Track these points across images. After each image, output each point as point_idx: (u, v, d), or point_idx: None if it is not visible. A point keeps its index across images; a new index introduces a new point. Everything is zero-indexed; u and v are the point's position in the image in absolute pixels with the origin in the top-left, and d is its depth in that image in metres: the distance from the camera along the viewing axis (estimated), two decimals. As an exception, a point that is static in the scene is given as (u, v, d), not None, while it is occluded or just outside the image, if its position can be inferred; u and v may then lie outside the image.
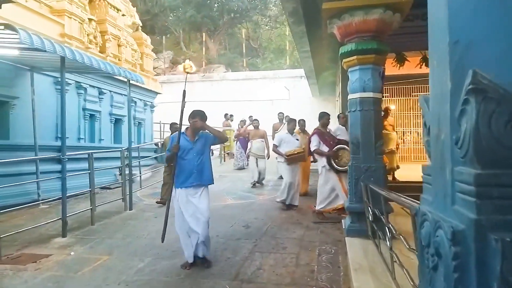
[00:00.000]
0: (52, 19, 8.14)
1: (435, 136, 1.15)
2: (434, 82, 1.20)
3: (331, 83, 13.07)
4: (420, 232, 1.22)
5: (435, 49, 1.20)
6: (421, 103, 1.26)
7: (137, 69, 11.52)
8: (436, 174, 1.15)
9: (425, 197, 1.25)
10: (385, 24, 4.00)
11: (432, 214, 1.12)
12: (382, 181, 4.00)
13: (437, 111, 1.15)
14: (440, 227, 1.05)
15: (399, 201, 2.01)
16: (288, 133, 6.62)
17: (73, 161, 8.01)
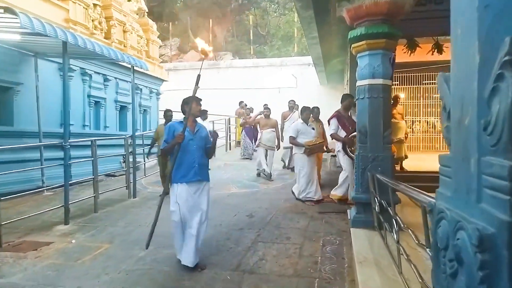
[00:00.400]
0: (56, 4, 8.01)
1: (457, 121, 0.97)
2: (458, 56, 1.02)
3: (339, 71, 12.81)
4: (436, 231, 1.06)
5: (459, 15, 1.02)
6: (440, 83, 1.08)
7: (142, 55, 11.39)
8: (458, 165, 0.98)
9: (442, 192, 1.08)
10: (397, 7, 3.80)
11: (452, 212, 0.96)
12: (389, 171, 3.86)
13: (460, 91, 0.96)
14: (462, 228, 0.89)
15: (409, 193, 1.87)
16: (304, 122, 6.26)
17: (78, 148, 7.98)
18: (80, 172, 7.40)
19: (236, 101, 14.27)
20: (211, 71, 17.39)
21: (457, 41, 1.04)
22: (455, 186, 1.00)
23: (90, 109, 9.12)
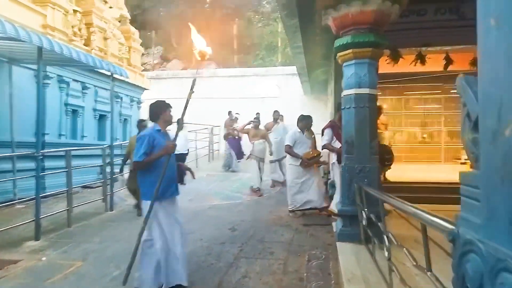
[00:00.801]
0: (33, 9, 7.71)
1: (491, 132, 0.79)
2: (490, 52, 0.88)
3: (323, 81, 12.82)
4: (462, 266, 0.89)
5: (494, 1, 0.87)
6: (462, 87, 0.93)
7: (124, 63, 11.13)
8: (492, 187, 0.80)
9: (468, 218, 0.92)
10: (383, 16, 3.75)
11: (487, 246, 0.79)
12: (376, 182, 3.76)
13: (496, 94, 0.79)
14: (506, 269, 0.70)
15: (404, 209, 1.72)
16: (301, 131, 5.99)
17: (53, 158, 7.66)
18: (55, 183, 7.07)
19: (220, 110, 14.10)
20: (195, 80, 17.19)
21: (489, 34, 0.90)
22: (488, 212, 0.83)
23: (67, 117, 8.79)
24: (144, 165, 3.14)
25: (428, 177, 7.93)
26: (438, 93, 11.21)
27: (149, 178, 3.12)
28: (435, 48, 7.65)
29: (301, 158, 5.68)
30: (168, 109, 3.34)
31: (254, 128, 8.22)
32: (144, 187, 3.17)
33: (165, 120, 3.33)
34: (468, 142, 0.91)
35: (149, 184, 3.09)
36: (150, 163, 3.13)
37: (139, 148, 3.13)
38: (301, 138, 5.92)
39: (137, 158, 3.11)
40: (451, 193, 6.97)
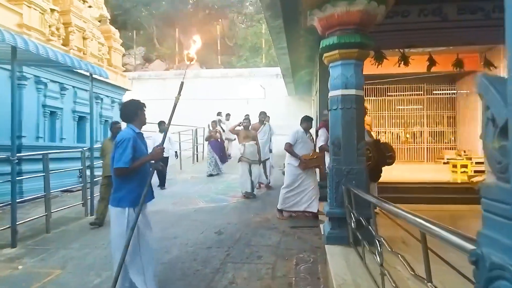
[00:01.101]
0: (8, 7, 7.43)
1: None
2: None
3: (308, 82, 12.85)
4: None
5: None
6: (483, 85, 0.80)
7: (104, 63, 10.87)
8: None
9: (493, 237, 0.81)
10: (369, 16, 3.72)
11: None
12: (364, 184, 3.72)
13: None
14: None
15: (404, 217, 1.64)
16: (304, 131, 5.73)
17: (31, 162, 7.39)
18: (34, 187, 6.81)
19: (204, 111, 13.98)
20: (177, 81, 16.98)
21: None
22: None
23: (45, 119, 8.50)
24: (130, 171, 2.94)
25: (412, 177, 8.01)
26: (421, 94, 11.37)
27: (129, 185, 2.94)
28: (418, 50, 7.75)
29: (300, 158, 5.50)
30: (144, 109, 3.17)
31: (244, 129, 7.77)
32: (121, 193, 2.94)
33: (141, 121, 3.14)
34: (493, 151, 0.81)
35: (128, 191, 2.93)
36: (135, 169, 2.95)
37: (122, 153, 2.88)
38: (304, 138, 5.70)
39: (123, 164, 2.87)
40: (435, 192, 7.07)
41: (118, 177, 2.95)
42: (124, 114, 3.10)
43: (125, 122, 3.12)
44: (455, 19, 5.68)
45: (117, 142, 2.95)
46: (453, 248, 1.08)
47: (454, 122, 11.41)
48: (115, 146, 2.96)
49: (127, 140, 2.94)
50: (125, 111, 3.10)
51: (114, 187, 2.99)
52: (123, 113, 3.10)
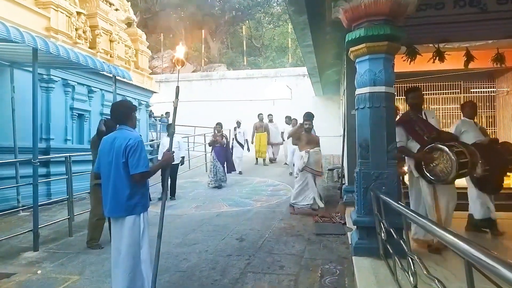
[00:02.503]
0: (36, 11, 7.59)
1: None
2: None
3: (335, 82, 12.44)
4: None
5: None
6: None
7: (131, 66, 10.96)
8: None
9: None
10: (399, 6, 3.40)
11: None
12: (396, 191, 3.40)
13: None
14: None
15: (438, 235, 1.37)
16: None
17: (58, 164, 7.50)
18: (62, 189, 6.87)
19: (230, 113, 13.85)
20: (204, 83, 17.01)
21: None
22: None
23: (73, 122, 8.62)
24: (150, 175, 2.92)
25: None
26: (457, 92, 10.70)
27: (142, 189, 2.89)
28: (454, 45, 7.23)
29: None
30: (135, 110, 3.09)
31: (306, 133, 6.30)
32: (135, 200, 2.84)
33: (133, 123, 3.02)
34: None
35: (142, 195, 2.88)
36: (151, 174, 2.92)
37: (140, 157, 2.79)
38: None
39: (145, 168, 2.79)
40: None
41: (137, 183, 2.83)
42: (117, 115, 2.97)
43: (117, 123, 2.99)
44: (495, 10, 5.20)
45: (129, 147, 2.79)
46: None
47: (494, 122, 10.65)
48: (128, 151, 2.79)
49: (140, 142, 2.86)
50: (118, 112, 2.97)
51: (125, 194, 2.82)
52: (117, 114, 2.96)
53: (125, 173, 2.77)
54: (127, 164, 2.76)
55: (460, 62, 6.96)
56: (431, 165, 3.51)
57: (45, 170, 7.56)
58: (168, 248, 4.40)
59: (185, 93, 16.27)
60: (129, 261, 2.86)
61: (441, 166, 3.44)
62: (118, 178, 2.78)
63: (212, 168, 8.80)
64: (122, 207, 2.81)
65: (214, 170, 8.74)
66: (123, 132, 2.87)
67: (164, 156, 2.98)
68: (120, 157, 2.76)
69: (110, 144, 2.83)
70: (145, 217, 2.94)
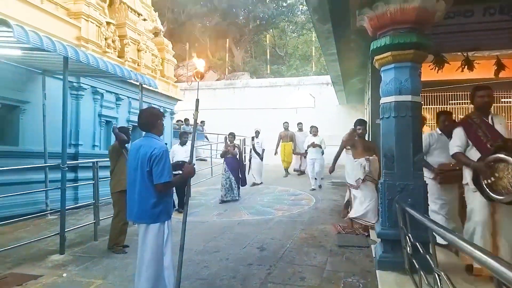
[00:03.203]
0: (68, 21, 7.89)
1: None
2: None
3: (359, 90, 12.29)
4: None
5: None
6: None
7: (157, 74, 11.20)
8: None
9: None
10: (426, 14, 3.33)
11: None
12: (422, 203, 3.29)
13: None
14: None
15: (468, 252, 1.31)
16: (442, 133, 4.25)
17: (86, 169, 7.69)
18: (89, 194, 7.05)
19: (253, 121, 13.90)
20: (227, 91, 17.18)
21: None
22: None
23: (101, 128, 8.87)
24: (173, 185, 3.03)
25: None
26: (487, 101, 10.32)
27: (166, 197, 2.94)
28: (484, 53, 7.00)
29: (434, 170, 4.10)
30: (162, 118, 3.12)
31: (361, 139, 5.80)
32: (159, 208, 2.88)
33: (160, 131, 3.05)
34: None
35: (166, 204, 2.93)
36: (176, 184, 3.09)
37: (164, 167, 2.83)
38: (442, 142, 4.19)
39: (169, 177, 2.86)
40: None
41: (160, 192, 2.87)
42: (144, 122, 2.99)
43: (144, 131, 3.02)
44: (527, 18, 5.03)
45: (154, 156, 2.82)
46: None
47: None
48: (153, 160, 2.82)
49: (165, 152, 2.90)
50: (145, 119, 2.99)
51: (151, 202, 2.86)
52: (144, 121, 2.99)
53: (150, 181, 2.82)
54: (151, 173, 2.80)
55: (490, 71, 6.73)
56: (492, 179, 3.02)
57: (73, 175, 7.79)
58: (189, 255, 4.42)
59: (209, 101, 16.53)
60: (152, 267, 2.90)
61: (505, 181, 2.95)
62: (143, 186, 2.83)
63: (224, 181, 8.07)
64: (147, 214, 2.85)
65: (227, 182, 8.05)
66: (149, 140, 2.92)
67: (186, 169, 3.03)
68: (144, 166, 2.81)
69: (136, 151, 2.89)
70: (169, 225, 2.99)
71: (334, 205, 7.44)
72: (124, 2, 9.76)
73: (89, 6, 8.29)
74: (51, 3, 7.61)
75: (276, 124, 12.67)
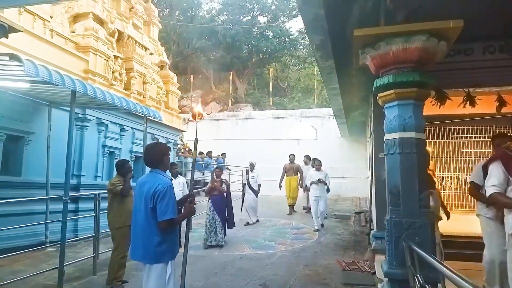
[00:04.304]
0: (76, 55, 8.11)
1: None
2: None
3: (361, 123, 12.38)
4: None
5: None
6: None
7: (161, 106, 11.37)
8: None
9: None
10: (428, 54, 3.40)
11: None
12: (429, 241, 3.23)
13: None
14: None
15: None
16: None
17: (87, 200, 7.65)
18: (89, 226, 6.95)
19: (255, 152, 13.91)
20: (230, 122, 17.33)
21: None
22: None
23: (104, 159, 8.89)
24: (177, 222, 2.96)
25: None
26: (489, 136, 10.36)
27: (171, 235, 2.86)
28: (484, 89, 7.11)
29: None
30: (169, 153, 3.08)
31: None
32: (163, 247, 2.80)
33: (166, 167, 3.02)
34: None
35: (171, 243, 2.86)
36: (178, 222, 2.98)
37: (168, 203, 2.75)
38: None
39: (173, 214, 2.78)
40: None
41: (164, 230, 2.78)
42: (151, 158, 2.95)
43: (149, 167, 2.96)
44: (526, 56, 5.15)
45: (158, 192, 2.76)
46: None
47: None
48: (157, 197, 2.75)
49: (170, 188, 2.84)
50: (152, 155, 2.95)
51: (155, 241, 2.77)
52: (150, 157, 2.95)
53: (153, 219, 2.75)
54: (155, 210, 2.73)
55: (492, 106, 6.80)
56: None
57: (74, 206, 7.73)
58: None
59: (212, 132, 16.65)
60: None
61: None
62: (146, 224, 2.77)
63: (209, 223, 7.04)
64: (150, 254, 2.78)
65: (212, 225, 6.98)
66: (154, 176, 2.89)
67: (186, 209, 3.00)
68: (148, 202, 2.75)
69: (140, 188, 2.86)
70: (172, 264, 2.91)
71: (338, 239, 7.31)
72: (132, 37, 10.06)
73: (97, 41, 8.54)
74: (60, 37, 7.84)
75: (279, 156, 12.68)
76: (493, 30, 4.88)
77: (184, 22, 26.54)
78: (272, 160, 13.40)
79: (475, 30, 3.43)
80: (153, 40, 11.94)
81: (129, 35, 10.06)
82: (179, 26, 26.22)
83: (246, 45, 26.27)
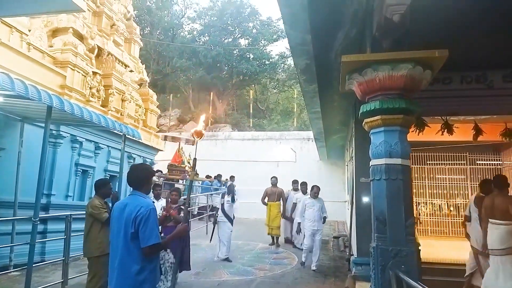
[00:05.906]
0: (53, 70, 7.86)
1: None
2: None
3: (340, 147, 12.54)
4: None
5: None
6: None
7: (139, 124, 11.13)
8: None
9: None
10: (414, 82, 3.47)
11: None
12: (416, 270, 3.18)
13: None
14: None
15: None
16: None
17: (56, 221, 7.25)
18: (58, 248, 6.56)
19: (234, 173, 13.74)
20: (209, 142, 17.16)
21: None
22: None
23: (76, 178, 8.52)
24: (162, 248, 2.83)
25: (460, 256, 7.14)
26: (463, 163, 10.69)
27: (152, 264, 2.64)
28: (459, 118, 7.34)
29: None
30: (153, 176, 2.97)
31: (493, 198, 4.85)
32: (143, 275, 2.56)
33: (148, 189, 2.87)
34: None
35: (151, 270, 2.62)
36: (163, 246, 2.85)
37: (153, 228, 2.56)
38: None
39: (158, 239, 2.58)
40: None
41: (147, 256, 2.58)
42: (136, 177, 2.76)
43: (133, 187, 2.77)
44: (501, 87, 5.37)
45: (140, 216, 2.56)
46: None
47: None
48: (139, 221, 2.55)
49: (152, 210, 2.64)
50: (137, 176, 2.77)
51: (134, 270, 2.54)
52: (135, 178, 2.76)
53: (134, 245, 2.54)
54: (136, 235, 2.53)
55: (468, 134, 7.03)
56: None
57: (43, 227, 7.30)
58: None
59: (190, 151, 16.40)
60: None
61: None
62: (125, 250, 2.55)
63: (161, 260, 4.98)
64: (128, 283, 2.55)
65: (163, 264, 5.01)
66: (135, 199, 2.69)
67: (178, 229, 2.88)
68: (129, 227, 2.54)
69: (120, 211, 2.66)
70: None
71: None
72: (112, 54, 9.91)
73: (76, 56, 8.34)
74: (38, 51, 7.61)
75: (258, 178, 12.58)
76: (471, 61, 5.06)
77: (165, 41, 26.55)
78: (250, 182, 13.29)
79: (454, 60, 3.53)
80: (133, 58, 11.80)
81: (109, 51, 9.90)
82: (159, 45, 26.18)
83: (226, 66, 26.48)
